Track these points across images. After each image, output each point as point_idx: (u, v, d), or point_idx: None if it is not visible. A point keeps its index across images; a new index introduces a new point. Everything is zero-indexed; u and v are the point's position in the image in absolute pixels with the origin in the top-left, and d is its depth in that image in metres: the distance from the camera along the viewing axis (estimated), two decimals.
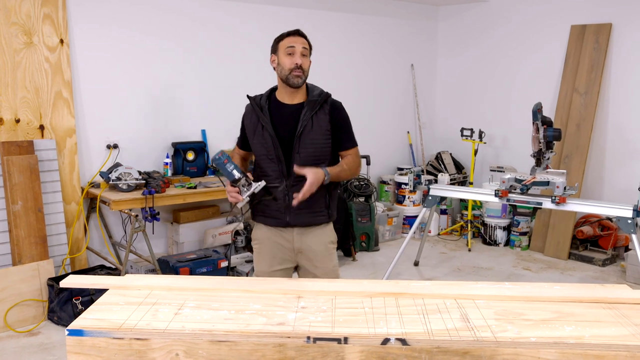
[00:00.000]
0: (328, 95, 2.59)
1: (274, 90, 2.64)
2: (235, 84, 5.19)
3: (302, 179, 2.39)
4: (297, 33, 2.53)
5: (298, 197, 2.36)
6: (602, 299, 1.88)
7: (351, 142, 2.63)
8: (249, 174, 2.40)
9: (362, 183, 5.70)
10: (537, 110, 4.25)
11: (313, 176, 2.36)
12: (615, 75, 5.40)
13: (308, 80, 2.59)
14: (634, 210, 3.92)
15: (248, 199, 2.36)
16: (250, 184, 2.35)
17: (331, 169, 2.49)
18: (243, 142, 2.71)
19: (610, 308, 1.82)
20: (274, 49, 2.56)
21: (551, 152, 4.33)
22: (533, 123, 4.29)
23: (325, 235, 2.64)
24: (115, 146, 4.60)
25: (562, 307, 1.82)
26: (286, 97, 2.57)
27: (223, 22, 5.11)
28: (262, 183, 2.36)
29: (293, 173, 2.46)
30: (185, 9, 4.87)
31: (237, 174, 2.33)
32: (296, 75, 2.47)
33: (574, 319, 1.72)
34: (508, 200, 4.37)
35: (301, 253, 2.61)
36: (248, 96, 2.63)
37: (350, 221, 5.44)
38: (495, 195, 4.37)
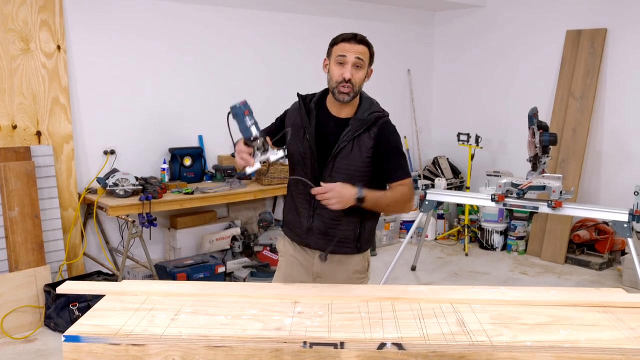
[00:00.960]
0: (380, 116, 2.23)
1: (326, 93, 2.30)
2: (232, 89, 5.20)
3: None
4: (355, 39, 2.15)
5: (315, 191, 2.06)
6: (597, 302, 1.89)
7: (403, 172, 2.22)
8: (268, 139, 2.07)
9: None
10: (532, 115, 4.27)
11: (336, 185, 2.05)
12: (611, 80, 5.42)
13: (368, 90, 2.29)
14: (629, 214, 3.94)
15: (260, 165, 2.03)
16: (266, 149, 2.02)
17: (368, 191, 2.11)
18: (274, 134, 2.27)
19: (605, 312, 1.82)
20: (328, 52, 2.22)
21: (547, 156, 4.35)
22: (529, 127, 4.30)
23: (350, 264, 2.31)
24: (112, 152, 4.60)
25: (558, 311, 1.82)
26: (334, 107, 2.25)
27: (220, 28, 5.13)
28: (281, 153, 2.04)
29: None
30: (183, 14, 4.88)
31: (254, 132, 2.02)
32: (342, 90, 2.14)
33: (569, 323, 1.73)
34: (504, 204, 4.38)
35: (320, 278, 2.32)
36: (299, 94, 2.31)
37: None
38: (492, 199, 4.39)
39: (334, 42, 2.18)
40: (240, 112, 2.08)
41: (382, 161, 2.21)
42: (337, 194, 2.02)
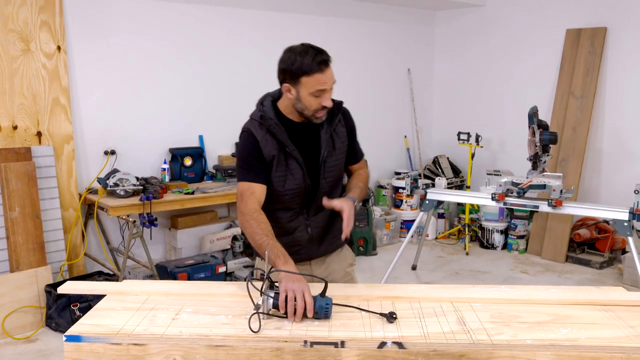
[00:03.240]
0: (341, 102, 2.18)
1: (274, 103, 2.13)
2: (232, 89, 5.21)
3: (322, 207, 2.11)
4: (325, 64, 1.97)
5: (346, 234, 2.02)
6: (597, 301, 1.89)
7: (361, 152, 2.29)
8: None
9: None
10: (533, 114, 4.26)
11: (348, 209, 2.02)
12: (611, 79, 5.42)
13: None
14: (630, 212, 3.94)
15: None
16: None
17: (355, 193, 2.15)
18: (267, 175, 2.07)
19: (606, 310, 1.83)
20: (292, 80, 1.99)
21: (547, 155, 4.35)
22: (529, 126, 4.30)
23: (344, 260, 2.32)
24: (113, 152, 4.60)
25: (558, 310, 1.82)
26: (296, 115, 2.10)
27: (220, 27, 5.13)
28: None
29: (317, 200, 2.12)
30: (184, 14, 4.89)
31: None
32: (321, 116, 2.04)
33: (569, 321, 1.73)
34: (505, 203, 4.38)
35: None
36: (257, 119, 2.07)
37: None
38: (492, 198, 4.38)
39: (302, 72, 1.95)
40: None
41: (352, 143, 2.23)
42: (352, 213, 2.04)
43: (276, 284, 1.79)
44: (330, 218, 2.20)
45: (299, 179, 2.08)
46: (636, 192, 3.95)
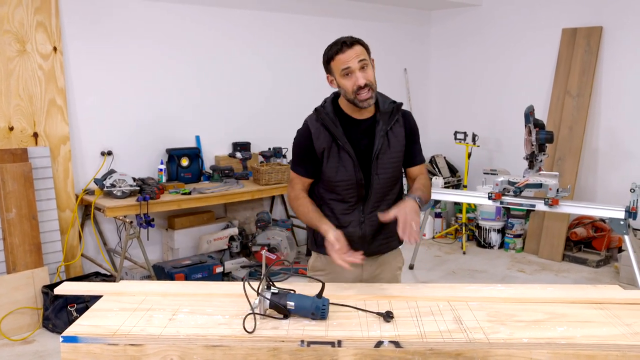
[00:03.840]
0: (399, 104, 2.23)
1: (335, 99, 2.22)
2: (229, 90, 5.21)
3: (381, 202, 2.16)
4: (346, 45, 2.06)
5: (411, 237, 1.94)
6: (593, 299, 1.90)
7: (422, 156, 2.31)
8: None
9: None
10: (529, 113, 4.28)
11: (403, 213, 1.96)
12: (607, 78, 5.44)
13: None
14: (626, 211, 3.95)
15: None
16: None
17: (417, 193, 2.13)
18: (314, 168, 2.18)
19: (602, 308, 1.83)
20: (327, 69, 2.15)
21: (544, 154, 4.36)
22: (525, 126, 4.32)
23: (395, 262, 2.35)
24: (110, 153, 4.60)
25: (555, 308, 1.83)
26: (355, 111, 2.17)
27: (217, 28, 5.13)
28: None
29: (372, 197, 2.16)
30: (180, 15, 4.88)
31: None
32: (364, 97, 2.07)
33: (566, 320, 1.74)
34: (502, 202, 4.39)
35: (366, 282, 2.27)
36: (317, 109, 2.19)
37: None
38: (489, 198, 4.40)
39: (329, 59, 2.10)
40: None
41: (411, 145, 2.24)
42: (413, 218, 1.95)
43: (273, 284, 1.80)
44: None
45: (350, 171, 2.13)
46: (632, 190, 3.96)
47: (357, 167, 2.13)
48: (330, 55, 2.09)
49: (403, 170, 2.30)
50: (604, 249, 5.31)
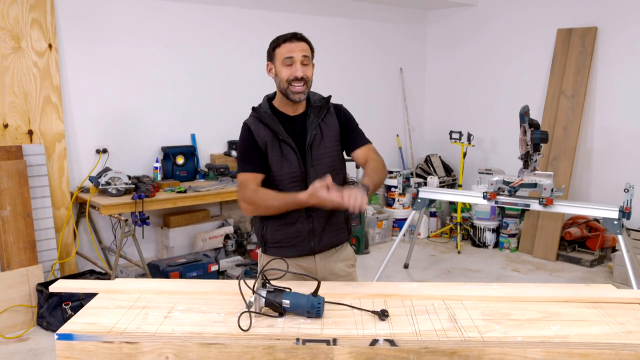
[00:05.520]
0: (328, 98, 2.30)
1: (270, 99, 2.29)
2: (224, 88, 5.20)
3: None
4: (295, 37, 2.14)
5: (361, 206, 1.92)
6: (587, 298, 1.91)
7: (364, 139, 2.32)
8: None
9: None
10: (524, 113, 4.29)
11: (346, 193, 1.92)
12: (601, 78, 5.46)
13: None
14: (620, 211, 3.97)
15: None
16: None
17: (365, 180, 2.13)
18: (263, 162, 2.18)
19: (595, 307, 1.84)
20: (270, 56, 2.19)
21: (538, 154, 4.37)
22: (520, 126, 4.33)
23: (348, 258, 2.35)
24: (105, 151, 4.59)
25: (549, 307, 1.84)
26: (288, 107, 2.23)
27: (213, 27, 5.12)
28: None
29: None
30: (175, 13, 4.88)
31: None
32: (297, 90, 2.12)
33: (559, 319, 1.75)
34: (496, 202, 4.40)
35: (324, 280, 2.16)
36: (254, 108, 2.25)
37: None
38: (484, 197, 4.41)
39: (276, 45, 2.16)
40: None
41: (347, 134, 2.29)
42: (357, 195, 1.92)
43: (268, 282, 1.80)
44: (332, 210, 2.20)
45: (294, 164, 2.16)
46: (626, 190, 3.98)
47: (300, 160, 2.16)
48: (278, 42, 2.15)
49: (346, 159, 2.33)
50: (597, 249, 5.34)
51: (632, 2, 5.21)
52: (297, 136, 2.21)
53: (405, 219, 5.39)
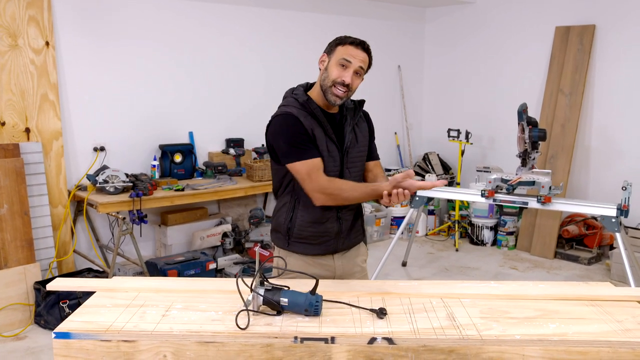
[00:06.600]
0: (360, 101, 2.28)
1: (307, 90, 2.22)
2: (222, 86, 5.19)
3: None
4: (362, 46, 2.13)
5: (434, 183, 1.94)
6: (585, 296, 1.91)
7: (377, 153, 2.36)
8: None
9: None
10: (522, 111, 4.29)
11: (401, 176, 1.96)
12: (599, 76, 5.46)
13: None
14: (617, 209, 3.97)
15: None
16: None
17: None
18: (318, 150, 2.11)
19: (593, 305, 1.84)
20: (330, 50, 2.15)
21: (537, 152, 4.38)
22: (518, 123, 4.33)
23: (361, 255, 2.35)
24: (102, 149, 4.58)
25: (547, 305, 1.84)
26: (325, 105, 2.18)
27: (210, 24, 5.11)
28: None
29: None
30: (173, 10, 4.86)
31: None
32: (338, 94, 2.09)
33: (558, 317, 1.75)
34: (494, 200, 4.40)
35: (340, 278, 2.26)
36: (296, 105, 2.13)
37: None
38: (482, 195, 4.41)
39: (340, 42, 2.12)
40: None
41: (370, 143, 2.30)
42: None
43: (266, 280, 1.80)
44: (356, 214, 2.27)
45: (337, 162, 2.14)
46: (624, 188, 3.98)
47: (341, 159, 2.14)
48: (344, 41, 2.12)
49: None
50: (595, 247, 5.34)
51: (631, 1, 5.21)
52: (336, 135, 2.17)
53: (403, 217, 5.39)
